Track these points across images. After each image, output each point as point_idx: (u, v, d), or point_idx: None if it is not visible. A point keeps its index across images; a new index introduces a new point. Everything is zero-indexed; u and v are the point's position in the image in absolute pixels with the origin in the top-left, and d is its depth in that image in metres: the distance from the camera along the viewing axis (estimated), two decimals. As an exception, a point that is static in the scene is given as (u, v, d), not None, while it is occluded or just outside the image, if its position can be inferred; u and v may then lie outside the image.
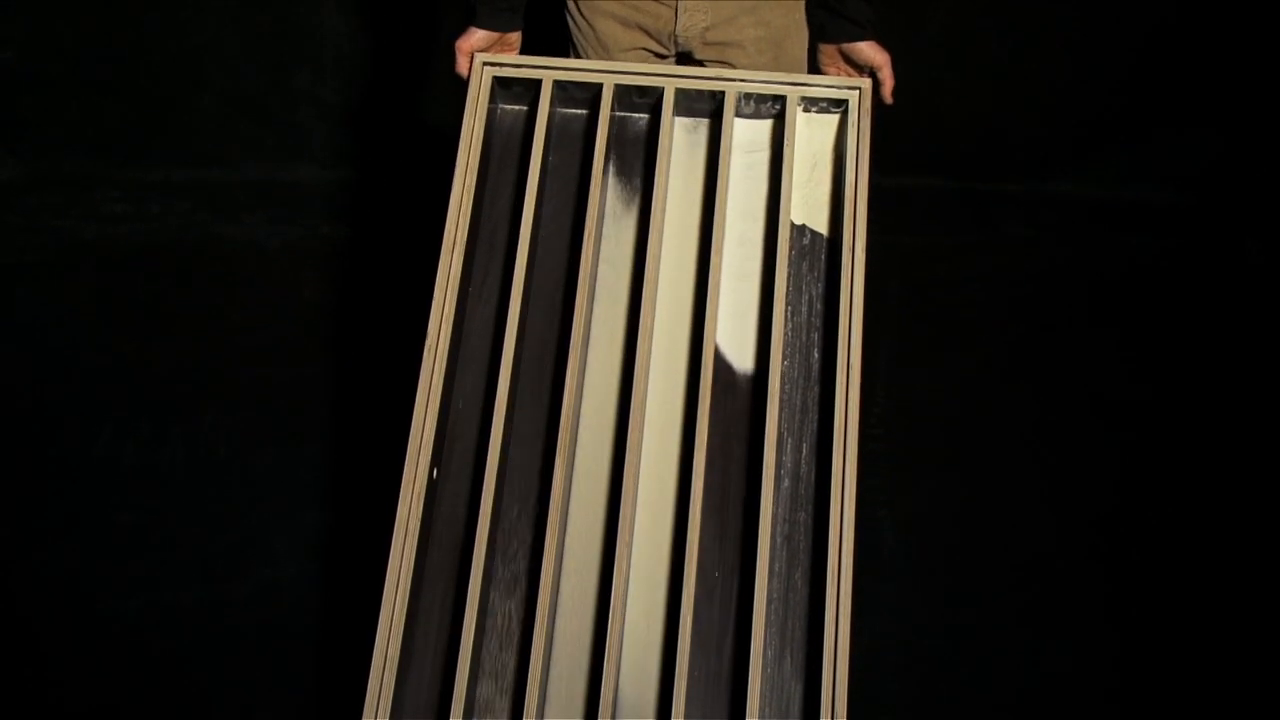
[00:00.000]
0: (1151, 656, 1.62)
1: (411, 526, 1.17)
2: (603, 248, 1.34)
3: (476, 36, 1.42)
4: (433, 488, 1.22)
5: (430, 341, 1.23)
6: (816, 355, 1.27)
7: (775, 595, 1.18)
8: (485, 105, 1.34)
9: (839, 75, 1.47)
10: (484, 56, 1.36)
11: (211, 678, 1.53)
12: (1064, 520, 1.78)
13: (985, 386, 1.97)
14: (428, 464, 1.19)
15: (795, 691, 1.16)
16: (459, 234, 1.27)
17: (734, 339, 1.29)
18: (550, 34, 1.59)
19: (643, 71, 1.35)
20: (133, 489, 1.76)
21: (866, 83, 1.35)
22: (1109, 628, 1.65)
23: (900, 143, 1.31)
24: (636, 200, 1.37)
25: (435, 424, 1.20)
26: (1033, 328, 2.07)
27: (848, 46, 1.45)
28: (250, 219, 2.22)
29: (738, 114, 1.37)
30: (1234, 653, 1.64)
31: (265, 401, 1.89)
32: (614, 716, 1.16)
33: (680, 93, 1.35)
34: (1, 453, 1.80)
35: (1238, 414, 1.95)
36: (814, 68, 1.55)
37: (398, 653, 1.13)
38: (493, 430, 1.21)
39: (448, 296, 1.25)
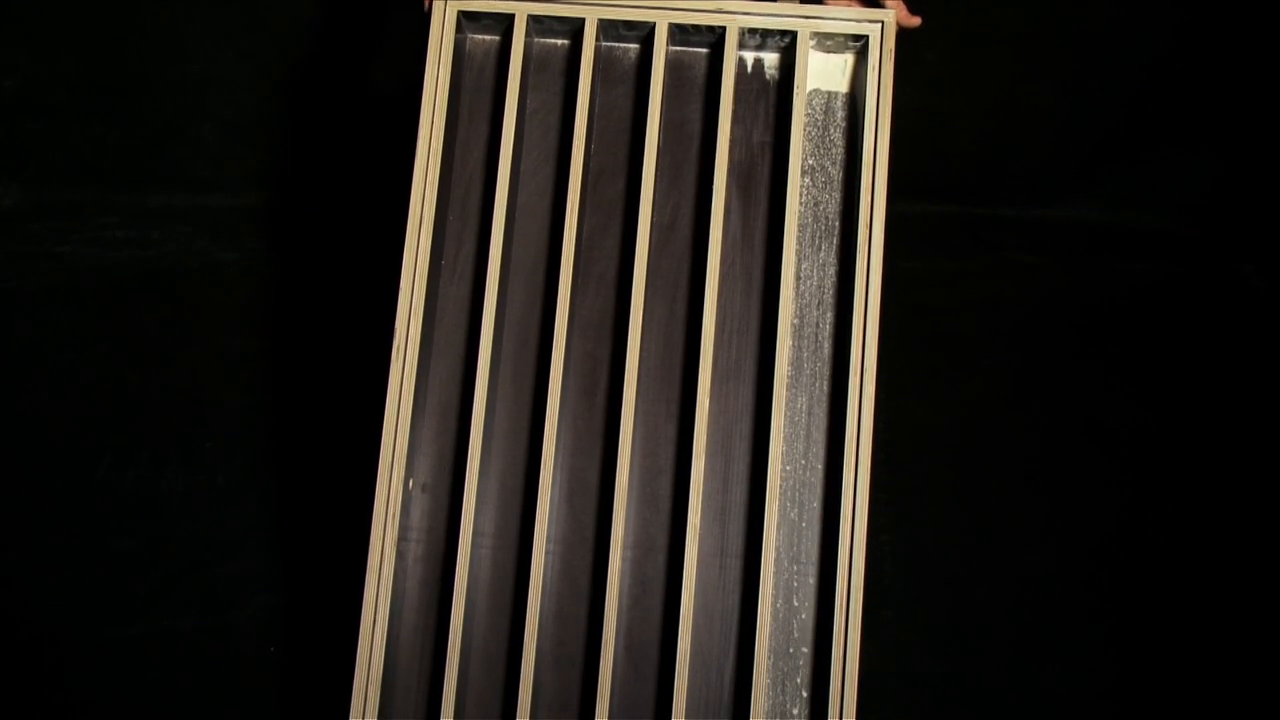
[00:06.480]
0: (1151, 683, 1.61)
1: (388, 548, 1.09)
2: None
3: None
4: (409, 499, 1.13)
5: (399, 341, 1.11)
6: (827, 346, 1.15)
7: (779, 619, 1.12)
8: (450, 47, 1.17)
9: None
10: (447, -13, 1.17)
11: (212, 705, 1.52)
12: (1064, 546, 1.75)
13: (985, 411, 1.91)
14: (401, 477, 1.10)
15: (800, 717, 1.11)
16: (425, 211, 1.13)
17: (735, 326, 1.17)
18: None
19: (630, 4, 1.17)
20: (132, 516, 1.73)
21: (891, 13, 1.16)
22: (1109, 655, 1.64)
23: (899, 166, 1.16)
24: (626, 149, 1.21)
25: (408, 434, 1.10)
26: (1033, 353, 2.01)
27: None
28: (251, 246, 2.15)
29: (741, 48, 1.19)
30: (1234, 680, 1.62)
31: (265, 428, 1.83)
32: (610, 717, 1.12)
33: (675, 27, 1.17)
34: (0, 479, 1.77)
35: (1239, 440, 1.90)
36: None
37: (379, 672, 1.09)
38: (471, 432, 1.11)
39: (415, 294, 1.12)
